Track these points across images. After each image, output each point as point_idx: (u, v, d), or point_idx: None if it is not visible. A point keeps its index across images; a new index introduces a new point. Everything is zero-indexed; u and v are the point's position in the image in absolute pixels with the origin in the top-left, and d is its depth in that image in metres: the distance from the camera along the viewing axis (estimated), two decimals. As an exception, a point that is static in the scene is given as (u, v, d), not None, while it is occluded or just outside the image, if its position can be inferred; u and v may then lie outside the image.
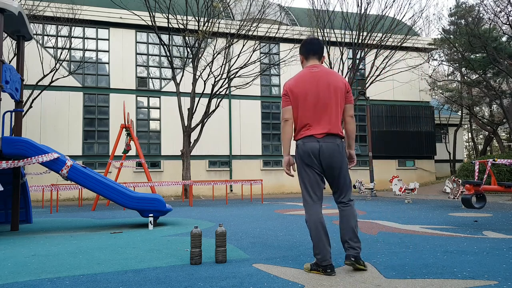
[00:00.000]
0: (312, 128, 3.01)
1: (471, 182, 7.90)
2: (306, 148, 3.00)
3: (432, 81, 23.63)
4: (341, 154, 3.04)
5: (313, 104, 3.02)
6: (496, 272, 2.88)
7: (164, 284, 2.69)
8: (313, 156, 2.99)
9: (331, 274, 2.86)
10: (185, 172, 16.28)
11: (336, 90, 3.05)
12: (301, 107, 3.04)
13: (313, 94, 3.03)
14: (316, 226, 2.94)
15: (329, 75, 3.09)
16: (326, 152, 2.98)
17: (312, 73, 3.09)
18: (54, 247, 4.40)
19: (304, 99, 3.03)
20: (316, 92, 3.03)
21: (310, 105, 3.03)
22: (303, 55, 3.23)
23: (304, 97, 3.04)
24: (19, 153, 5.86)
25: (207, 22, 16.24)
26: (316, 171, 3.03)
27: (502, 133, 34.04)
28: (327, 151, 2.98)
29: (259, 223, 6.54)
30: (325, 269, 2.87)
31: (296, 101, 3.06)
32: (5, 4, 5.81)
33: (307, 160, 3.01)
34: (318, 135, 3.00)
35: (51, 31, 18.09)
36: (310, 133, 3.01)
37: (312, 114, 3.02)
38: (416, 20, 22.07)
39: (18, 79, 6.56)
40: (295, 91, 3.07)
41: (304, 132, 3.04)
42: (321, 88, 3.03)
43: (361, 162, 21.56)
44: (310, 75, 3.09)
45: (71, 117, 17.97)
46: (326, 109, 3.02)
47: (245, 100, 20.23)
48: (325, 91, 3.03)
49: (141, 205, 6.41)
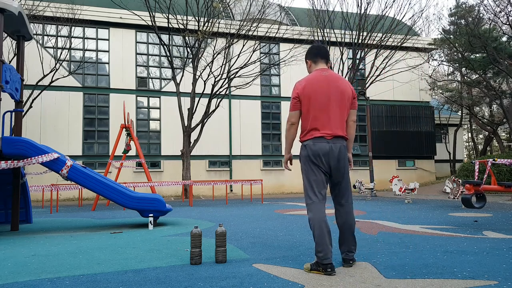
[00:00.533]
0: (322, 129, 3.07)
1: (471, 182, 7.90)
2: (316, 149, 3.05)
3: (432, 81, 23.63)
4: (347, 156, 3.16)
5: (324, 106, 3.09)
6: (496, 272, 2.88)
7: (164, 284, 2.69)
8: (323, 157, 3.05)
9: (331, 273, 2.87)
10: (185, 172, 16.28)
11: (344, 95, 3.15)
12: (312, 107, 3.10)
13: (324, 96, 3.10)
14: (320, 224, 2.97)
15: (339, 79, 3.19)
16: (335, 154, 3.06)
17: (323, 76, 3.16)
18: (54, 247, 4.40)
19: (316, 99, 3.09)
20: (327, 94, 3.10)
21: (321, 106, 3.09)
22: (312, 60, 3.31)
23: (316, 97, 3.10)
24: (19, 153, 5.86)
25: (207, 22, 16.24)
26: (322, 171, 3.09)
27: (502, 133, 34.04)
28: (336, 152, 3.07)
29: (259, 223, 6.54)
30: (325, 268, 2.89)
31: (308, 101, 3.11)
32: (5, 4, 5.81)
33: (316, 160, 3.06)
34: (328, 136, 3.07)
35: (51, 31, 18.08)
36: (320, 134, 3.07)
37: (323, 115, 3.08)
38: (416, 20, 22.05)
39: (18, 79, 6.56)
40: (307, 91, 3.11)
41: (314, 133, 3.09)
42: (332, 91, 3.11)
43: (361, 162, 21.56)
44: (322, 78, 3.15)
45: (71, 117, 17.97)
46: (335, 111, 3.10)
47: (245, 100, 20.23)
48: (336, 94, 3.11)
49: (141, 205, 6.41)
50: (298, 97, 3.14)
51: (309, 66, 3.35)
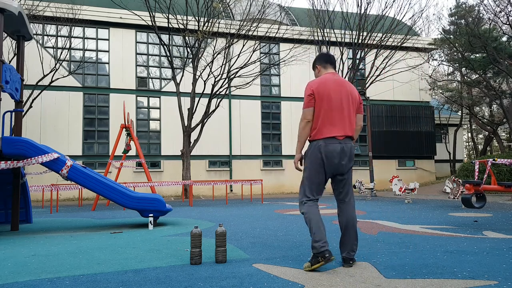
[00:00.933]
0: (335, 129, 3.15)
1: (471, 182, 7.90)
2: (329, 149, 3.12)
3: (432, 81, 23.62)
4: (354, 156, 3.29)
5: (337, 107, 3.17)
6: (496, 272, 2.88)
7: (164, 284, 2.69)
8: (335, 157, 3.12)
9: (330, 258, 2.94)
10: (185, 172, 16.28)
11: (354, 99, 3.27)
12: (325, 108, 3.16)
13: (337, 98, 3.18)
14: (315, 215, 3.10)
15: (348, 84, 3.32)
16: (347, 153, 3.16)
17: (335, 79, 3.26)
18: (54, 247, 4.40)
19: (328, 100, 3.16)
20: (339, 96, 3.19)
21: (334, 107, 3.16)
22: (321, 65, 3.41)
23: (328, 98, 3.17)
24: (19, 153, 5.86)
25: (207, 22, 16.24)
26: (326, 172, 3.16)
27: (502, 133, 34.05)
28: (348, 152, 3.17)
29: (259, 223, 6.54)
30: (324, 254, 2.95)
31: (321, 101, 3.17)
32: (5, 4, 5.81)
33: (328, 161, 3.12)
34: (339, 137, 3.15)
35: (51, 31, 18.08)
36: (332, 134, 3.14)
37: (335, 116, 3.16)
38: (416, 20, 22.04)
39: (18, 79, 6.56)
40: (321, 91, 3.18)
41: (326, 133, 3.14)
42: (343, 94, 3.21)
43: (361, 162, 21.56)
44: (333, 80, 3.25)
45: (71, 117, 17.97)
46: (346, 113, 3.20)
47: (245, 100, 20.23)
48: (346, 97, 3.22)
49: (141, 205, 6.41)
50: (313, 94, 3.18)
51: (318, 71, 3.42)
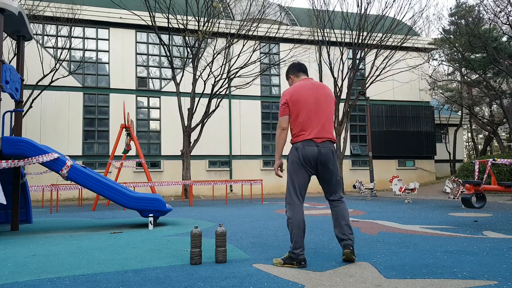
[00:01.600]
0: (311, 132, 3.21)
1: (471, 182, 7.90)
2: (306, 151, 3.19)
3: (432, 81, 23.62)
4: (335, 158, 3.31)
5: (313, 110, 3.24)
6: (496, 272, 2.88)
7: (164, 284, 2.69)
8: (311, 159, 3.20)
9: (305, 266, 3.13)
10: (185, 172, 16.28)
11: (330, 101, 3.34)
12: (301, 112, 3.24)
13: (312, 101, 3.25)
14: (299, 224, 3.19)
15: (324, 87, 3.39)
16: (323, 156, 3.22)
17: (309, 84, 3.34)
18: (54, 247, 4.40)
19: (304, 104, 3.23)
20: (315, 99, 3.26)
21: (310, 110, 3.23)
22: (294, 74, 3.50)
23: (304, 102, 3.24)
24: (19, 153, 5.86)
25: (207, 22, 16.24)
26: (308, 173, 3.24)
27: (502, 133, 34.05)
28: (325, 155, 3.22)
29: (259, 223, 6.54)
30: (300, 262, 3.13)
31: (297, 106, 3.24)
32: (5, 4, 5.81)
33: (305, 162, 3.21)
34: (316, 139, 3.21)
35: (51, 31, 18.08)
36: (309, 137, 3.21)
37: (311, 119, 3.23)
38: (416, 20, 22.07)
39: (18, 79, 6.56)
40: (295, 97, 3.26)
41: (303, 136, 3.22)
42: (320, 97, 3.28)
43: (361, 162, 21.57)
44: (308, 85, 3.32)
45: (71, 117, 17.97)
46: (323, 115, 3.26)
47: (245, 100, 20.23)
48: (323, 99, 3.28)
49: (141, 205, 6.41)
50: (287, 102, 3.28)
51: (291, 80, 3.52)
